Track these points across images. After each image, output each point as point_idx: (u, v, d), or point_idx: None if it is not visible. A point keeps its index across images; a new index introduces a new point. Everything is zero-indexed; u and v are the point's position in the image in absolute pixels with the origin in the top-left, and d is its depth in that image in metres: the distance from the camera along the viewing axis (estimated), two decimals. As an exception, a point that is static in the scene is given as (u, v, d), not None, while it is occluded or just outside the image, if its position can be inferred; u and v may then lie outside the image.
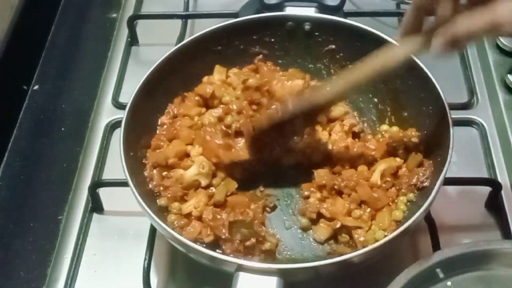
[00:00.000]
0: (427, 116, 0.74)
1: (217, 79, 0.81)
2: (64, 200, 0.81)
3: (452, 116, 0.70)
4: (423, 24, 0.61)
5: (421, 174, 0.71)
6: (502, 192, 0.79)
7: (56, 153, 0.86)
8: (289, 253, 0.71)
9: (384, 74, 0.66)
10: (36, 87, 0.94)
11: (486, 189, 0.79)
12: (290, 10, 0.84)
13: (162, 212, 0.72)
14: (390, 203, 0.72)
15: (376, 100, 0.82)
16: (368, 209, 0.71)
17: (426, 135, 0.75)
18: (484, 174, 0.82)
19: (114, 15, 1.05)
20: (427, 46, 0.60)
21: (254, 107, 0.77)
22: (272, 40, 0.84)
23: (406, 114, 0.79)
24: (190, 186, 0.73)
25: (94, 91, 0.93)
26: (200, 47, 0.81)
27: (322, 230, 0.71)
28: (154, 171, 0.73)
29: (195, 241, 0.67)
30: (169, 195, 0.72)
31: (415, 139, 0.76)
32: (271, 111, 0.71)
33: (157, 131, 0.78)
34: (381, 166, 0.73)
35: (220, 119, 0.77)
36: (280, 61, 0.85)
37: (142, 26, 1.02)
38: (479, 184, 0.80)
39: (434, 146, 0.73)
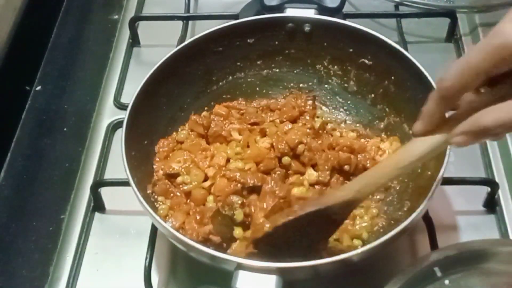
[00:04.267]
0: (425, 116, 0.75)
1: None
2: (66, 199, 0.82)
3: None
4: (442, 119, 0.55)
5: None
6: (500, 192, 0.79)
7: (58, 153, 0.87)
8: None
9: (403, 174, 0.62)
10: (38, 88, 0.95)
11: (484, 189, 0.79)
12: (290, 12, 0.85)
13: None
14: None
15: (373, 102, 0.83)
16: None
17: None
18: (482, 174, 0.83)
19: (116, 16, 1.06)
20: (448, 141, 0.55)
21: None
22: (272, 41, 0.85)
23: (404, 115, 0.79)
24: None
25: (96, 91, 0.94)
26: (201, 48, 0.81)
27: None
28: None
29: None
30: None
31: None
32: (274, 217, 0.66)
33: None
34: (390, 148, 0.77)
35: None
36: (279, 62, 0.86)
37: (143, 27, 1.03)
38: (477, 184, 0.80)
39: (432, 146, 0.73)
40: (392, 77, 0.80)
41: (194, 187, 0.74)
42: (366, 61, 0.82)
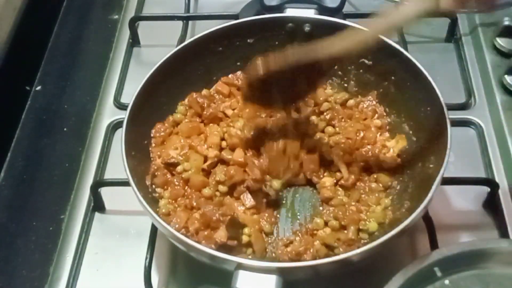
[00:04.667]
0: (425, 116, 0.75)
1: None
2: (66, 199, 0.82)
3: (450, 116, 0.70)
4: None
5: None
6: (500, 191, 0.79)
7: (58, 153, 0.87)
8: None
9: (391, 32, 0.66)
10: (38, 88, 0.95)
11: (484, 189, 0.80)
12: (290, 12, 0.85)
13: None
14: None
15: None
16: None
17: (424, 135, 0.75)
18: (482, 174, 0.83)
19: (116, 16, 1.06)
20: (438, 3, 0.60)
21: None
22: (272, 41, 0.84)
23: (404, 115, 0.79)
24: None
25: (96, 91, 0.94)
26: (201, 48, 0.82)
27: None
28: None
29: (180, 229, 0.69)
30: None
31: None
32: (268, 58, 0.70)
33: None
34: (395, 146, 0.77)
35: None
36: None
37: (143, 27, 1.03)
38: (477, 184, 0.80)
39: (432, 146, 0.73)
40: (392, 77, 0.80)
41: (193, 173, 0.75)
42: (366, 61, 0.82)
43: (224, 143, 0.78)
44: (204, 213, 0.70)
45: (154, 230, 0.75)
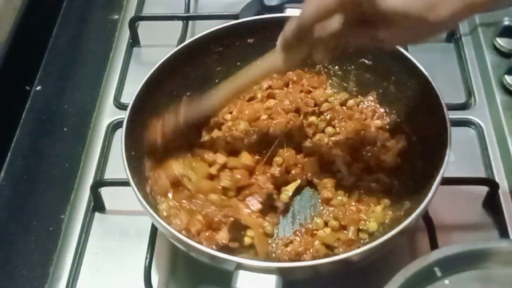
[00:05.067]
0: (425, 116, 0.75)
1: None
2: (66, 199, 0.82)
3: (450, 116, 0.70)
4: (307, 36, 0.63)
5: None
6: (500, 192, 0.79)
7: (58, 153, 0.87)
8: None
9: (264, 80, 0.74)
10: (38, 87, 0.95)
11: (484, 189, 0.79)
12: (290, 12, 0.84)
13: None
14: None
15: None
16: None
17: (424, 135, 0.76)
18: (482, 174, 0.83)
19: (116, 16, 1.06)
20: (308, 56, 0.65)
21: None
22: (272, 41, 0.84)
23: (403, 115, 0.79)
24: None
25: (96, 91, 0.94)
26: (201, 48, 0.82)
27: None
28: None
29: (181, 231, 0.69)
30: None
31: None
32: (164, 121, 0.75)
33: None
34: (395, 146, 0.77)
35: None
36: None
37: (143, 27, 1.03)
38: (477, 184, 0.80)
39: (432, 146, 0.73)
40: (392, 77, 0.80)
41: (198, 181, 0.74)
42: (366, 61, 0.82)
43: (228, 147, 0.78)
44: (206, 214, 0.70)
45: (154, 230, 0.75)
